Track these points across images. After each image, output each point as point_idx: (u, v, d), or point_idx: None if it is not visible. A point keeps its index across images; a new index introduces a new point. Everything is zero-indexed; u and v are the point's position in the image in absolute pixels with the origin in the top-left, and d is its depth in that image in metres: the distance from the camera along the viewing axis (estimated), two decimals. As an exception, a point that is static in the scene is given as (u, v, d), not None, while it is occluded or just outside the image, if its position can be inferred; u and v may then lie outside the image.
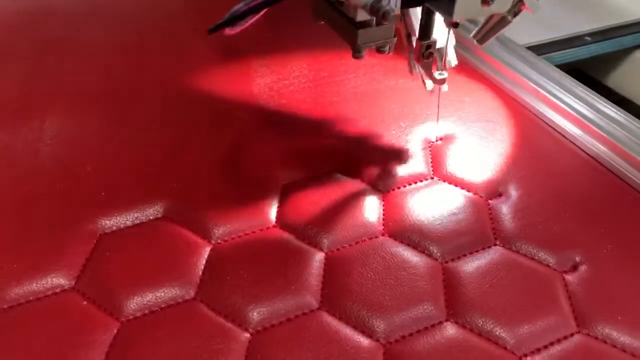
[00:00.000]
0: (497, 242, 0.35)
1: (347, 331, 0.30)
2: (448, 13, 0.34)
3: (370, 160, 0.41)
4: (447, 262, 0.34)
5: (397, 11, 0.33)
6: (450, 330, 0.31)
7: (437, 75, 0.39)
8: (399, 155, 0.42)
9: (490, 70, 0.50)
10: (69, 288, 0.32)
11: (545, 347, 0.30)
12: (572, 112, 0.44)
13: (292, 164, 0.40)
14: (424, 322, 0.31)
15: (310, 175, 0.39)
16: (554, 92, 0.46)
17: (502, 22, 0.37)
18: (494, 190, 0.39)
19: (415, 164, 0.41)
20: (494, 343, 0.30)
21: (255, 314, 0.31)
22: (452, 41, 0.38)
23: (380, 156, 0.41)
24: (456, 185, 0.39)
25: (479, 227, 0.36)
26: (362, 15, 0.33)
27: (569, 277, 0.34)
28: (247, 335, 0.30)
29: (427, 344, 0.30)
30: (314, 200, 0.37)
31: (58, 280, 0.32)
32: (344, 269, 0.33)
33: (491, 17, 0.37)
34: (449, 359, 0.29)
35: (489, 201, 0.38)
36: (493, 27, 0.37)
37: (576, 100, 0.45)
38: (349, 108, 0.45)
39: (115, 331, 0.30)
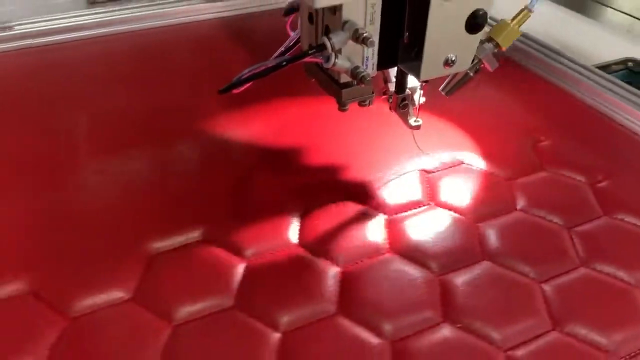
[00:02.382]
0: (485, 258, 0.42)
1: (360, 331, 0.37)
2: (417, 75, 0.41)
3: (376, 190, 0.48)
4: (442, 274, 0.41)
5: (373, 74, 0.41)
6: (446, 330, 0.37)
7: (412, 122, 0.46)
8: (401, 185, 0.48)
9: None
10: (129, 299, 0.38)
11: (525, 342, 0.36)
12: (549, 145, 0.51)
13: (309, 193, 0.47)
14: (424, 324, 0.37)
15: (325, 204, 0.46)
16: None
17: (465, 77, 0.44)
18: (482, 213, 0.46)
19: (414, 193, 0.47)
20: (482, 339, 0.36)
21: (285, 318, 0.37)
22: (422, 99, 0.46)
23: (384, 186, 0.48)
24: (449, 210, 0.46)
25: (469, 245, 0.43)
26: (344, 78, 0.40)
27: (546, 287, 0.40)
28: (279, 335, 0.36)
29: (427, 341, 0.36)
30: (329, 224, 0.44)
31: (119, 294, 0.39)
32: (356, 281, 0.40)
33: (455, 74, 0.44)
34: (446, 352, 0.36)
35: (478, 224, 0.45)
36: (457, 82, 0.44)
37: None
38: (351, 147, 0.52)
39: (168, 334, 0.36)
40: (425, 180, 0.49)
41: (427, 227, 0.44)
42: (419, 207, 0.46)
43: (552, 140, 0.54)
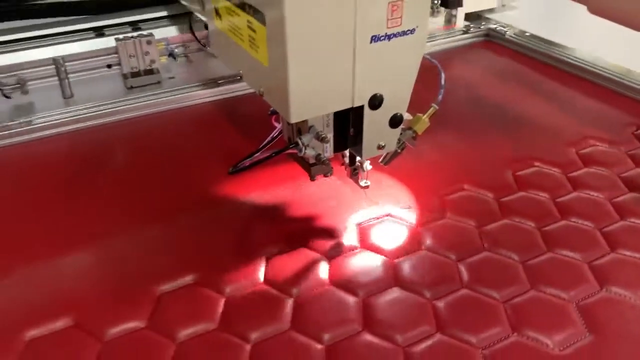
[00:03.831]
0: (397, 285, 0.59)
1: (307, 340, 0.53)
2: (360, 155, 0.59)
3: (323, 239, 0.65)
4: (366, 298, 0.57)
5: (331, 157, 0.59)
6: (367, 336, 0.53)
7: (362, 183, 0.65)
8: (341, 233, 0.65)
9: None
10: (144, 327, 0.54)
11: (494, 343, 0.52)
12: (451, 199, 0.69)
13: (274, 241, 0.64)
14: (351, 332, 0.54)
15: (286, 250, 0.63)
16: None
17: (395, 153, 0.63)
18: (399, 252, 0.63)
19: (351, 239, 0.65)
20: (388, 341, 0.53)
21: (254, 334, 0.53)
22: (369, 167, 0.64)
23: (329, 235, 0.65)
24: (374, 252, 0.63)
25: (387, 276, 0.60)
26: (312, 160, 0.58)
27: (438, 303, 0.57)
28: (249, 345, 0.53)
29: (354, 344, 0.53)
30: (287, 266, 0.61)
31: (136, 323, 0.55)
32: (305, 307, 0.56)
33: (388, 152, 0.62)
34: (365, 352, 0.52)
35: (394, 260, 0.62)
36: (391, 156, 0.63)
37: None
38: (310, 207, 0.70)
39: (173, 349, 0.52)
40: (360, 230, 0.66)
41: (358, 265, 0.61)
42: (353, 250, 0.63)
43: (458, 193, 0.72)
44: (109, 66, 0.96)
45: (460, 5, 1.17)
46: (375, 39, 0.49)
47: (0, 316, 0.56)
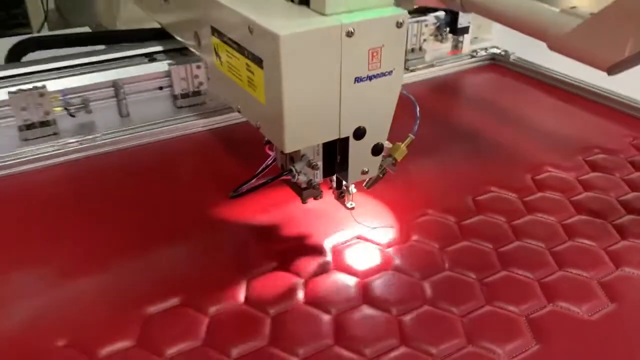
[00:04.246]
0: (366, 302, 0.64)
1: (284, 354, 0.58)
2: (346, 180, 0.66)
3: (301, 260, 0.70)
4: (338, 315, 0.63)
5: (321, 182, 0.66)
6: (337, 349, 0.59)
7: (348, 205, 0.72)
8: (317, 255, 0.71)
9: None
10: (134, 345, 0.59)
11: (451, 353, 0.58)
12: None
13: (255, 264, 0.69)
14: (323, 347, 0.59)
15: (264, 272, 0.68)
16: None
17: (377, 178, 0.69)
18: (370, 273, 0.69)
19: (325, 260, 0.70)
20: (424, 353, 0.58)
21: (235, 350, 0.59)
22: (354, 190, 0.71)
23: (306, 256, 0.71)
24: (347, 273, 0.69)
25: (357, 295, 0.65)
26: (304, 185, 0.65)
27: (404, 318, 0.63)
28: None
29: (326, 358, 0.58)
30: (266, 287, 0.66)
31: (126, 343, 0.60)
32: (282, 324, 0.62)
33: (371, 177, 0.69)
34: (336, 364, 0.58)
35: (364, 280, 0.68)
36: (373, 181, 0.70)
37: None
38: (292, 227, 0.76)
39: (161, 365, 0.57)
40: (334, 252, 0.72)
41: (331, 285, 0.67)
42: (327, 271, 0.69)
43: (422, 218, 0.78)
44: (161, 88, 1.06)
45: (467, 32, 1.28)
46: (358, 80, 0.57)
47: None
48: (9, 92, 0.91)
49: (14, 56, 1.10)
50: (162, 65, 1.04)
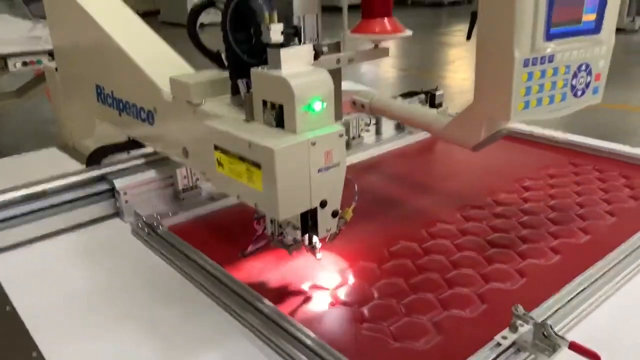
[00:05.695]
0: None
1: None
2: (317, 235, 0.97)
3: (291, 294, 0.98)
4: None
5: (300, 239, 0.97)
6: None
7: (318, 256, 1.02)
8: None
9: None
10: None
11: None
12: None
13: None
14: None
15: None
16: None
17: (336, 233, 0.99)
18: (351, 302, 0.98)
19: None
20: None
21: (244, 360, 0.84)
22: (319, 243, 1.01)
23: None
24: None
25: (342, 315, 0.94)
26: (290, 242, 0.98)
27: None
28: (243, 367, 0.83)
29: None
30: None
31: None
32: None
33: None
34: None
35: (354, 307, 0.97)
36: (334, 236, 1.00)
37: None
38: (282, 273, 1.04)
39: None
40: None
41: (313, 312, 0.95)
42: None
43: (356, 264, 1.09)
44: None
45: (441, 106, 1.61)
46: (320, 170, 0.89)
47: None
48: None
49: None
50: None
